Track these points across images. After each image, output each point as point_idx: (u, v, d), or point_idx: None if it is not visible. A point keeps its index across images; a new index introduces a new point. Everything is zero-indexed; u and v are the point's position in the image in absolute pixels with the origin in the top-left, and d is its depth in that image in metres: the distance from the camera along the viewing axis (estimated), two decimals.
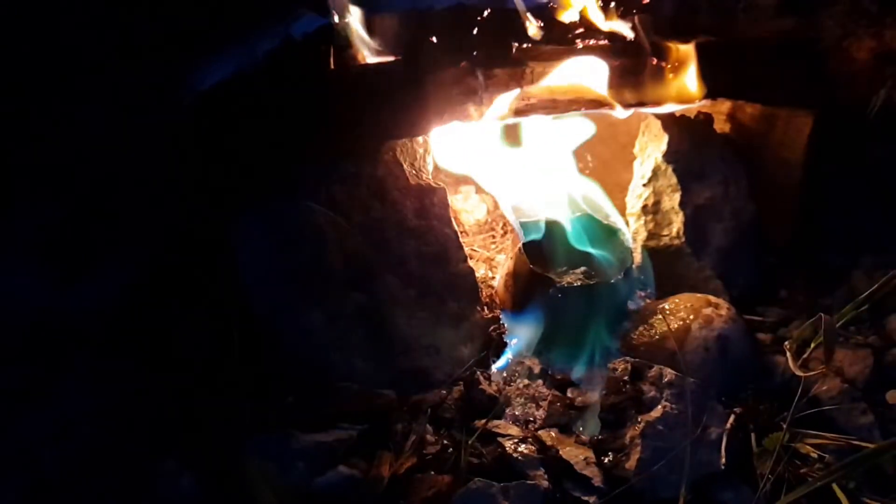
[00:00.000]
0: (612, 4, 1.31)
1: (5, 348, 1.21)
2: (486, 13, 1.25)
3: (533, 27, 1.26)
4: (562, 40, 1.28)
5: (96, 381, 1.22)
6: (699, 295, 1.38)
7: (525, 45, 1.26)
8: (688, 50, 1.41)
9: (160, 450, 1.15)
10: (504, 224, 1.74)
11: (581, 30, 1.29)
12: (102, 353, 1.24)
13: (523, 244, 1.40)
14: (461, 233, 1.54)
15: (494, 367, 1.34)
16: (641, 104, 1.38)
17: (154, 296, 1.28)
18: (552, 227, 1.43)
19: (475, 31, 1.25)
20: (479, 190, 1.80)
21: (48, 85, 1.30)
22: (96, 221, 1.29)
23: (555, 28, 1.28)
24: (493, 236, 1.74)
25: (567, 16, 1.29)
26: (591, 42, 1.29)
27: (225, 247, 1.29)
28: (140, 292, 1.29)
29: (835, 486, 1.06)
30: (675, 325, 1.30)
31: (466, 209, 1.79)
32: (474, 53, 1.23)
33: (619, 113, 1.35)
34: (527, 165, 1.54)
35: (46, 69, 1.30)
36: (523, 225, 1.43)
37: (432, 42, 1.25)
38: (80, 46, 1.32)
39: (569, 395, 1.29)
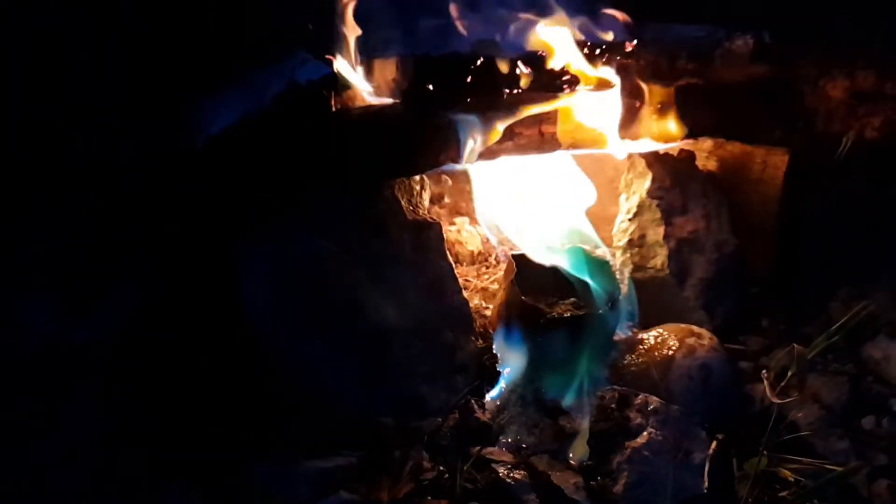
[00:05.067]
0: (597, 52, 1.39)
1: (15, 377, 1.23)
2: (479, 61, 1.32)
3: (523, 74, 1.33)
4: (550, 86, 1.35)
5: (104, 408, 1.24)
6: (683, 325, 1.43)
7: (516, 91, 1.33)
8: (670, 92, 1.49)
9: (167, 474, 1.18)
10: (497, 255, 1.80)
11: (568, 76, 1.36)
12: (109, 380, 1.26)
13: (515, 276, 1.45)
14: (456, 264, 1.59)
15: (488, 396, 1.38)
16: (627, 143, 1.46)
17: (159, 324, 1.31)
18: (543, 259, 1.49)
19: (469, 78, 1.32)
20: (472, 221, 1.86)
21: (56, 119, 1.34)
22: (102, 252, 1.33)
23: (543, 74, 1.35)
24: (487, 267, 1.79)
25: (554, 63, 1.36)
26: (578, 87, 1.36)
27: (230, 278, 1.33)
28: (146, 321, 1.32)
29: None
30: (660, 355, 1.36)
31: (461, 240, 1.84)
32: (469, 100, 1.30)
33: (607, 152, 1.42)
34: (518, 199, 1.60)
35: (56, 103, 1.34)
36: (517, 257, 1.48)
37: (429, 88, 1.31)
38: (88, 81, 1.36)
39: (559, 422, 1.33)
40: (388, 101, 1.39)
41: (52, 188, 1.31)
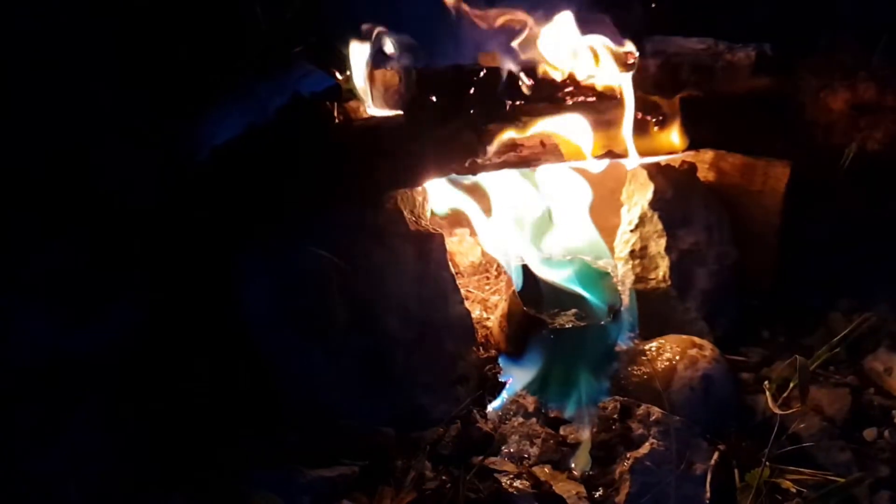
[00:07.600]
0: (599, 64, 1.40)
1: (19, 388, 1.23)
2: (481, 73, 1.33)
3: (525, 86, 1.34)
4: (551, 98, 1.36)
5: (106, 419, 1.24)
6: (684, 336, 1.44)
7: (517, 103, 1.34)
8: (672, 104, 1.50)
9: (169, 485, 1.18)
10: (498, 265, 1.81)
11: (570, 88, 1.37)
12: (111, 392, 1.26)
13: (517, 286, 1.45)
14: (457, 274, 1.59)
15: (490, 406, 1.38)
16: (628, 155, 1.46)
17: (161, 336, 1.31)
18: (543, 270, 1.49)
19: (472, 90, 1.33)
20: (473, 232, 1.87)
21: (58, 130, 1.35)
22: (104, 264, 1.33)
23: (545, 86, 1.36)
24: (488, 277, 1.79)
25: (556, 75, 1.37)
26: (580, 98, 1.37)
27: (231, 290, 1.34)
28: (148, 332, 1.32)
29: None
30: (662, 366, 1.36)
31: (461, 251, 1.85)
32: (471, 111, 1.31)
33: (603, 165, 1.43)
34: (518, 210, 1.61)
35: (56, 114, 1.35)
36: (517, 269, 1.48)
37: (432, 99, 1.32)
38: (89, 91, 1.37)
39: (561, 432, 1.33)
40: (391, 112, 1.39)
41: (53, 199, 1.31)
